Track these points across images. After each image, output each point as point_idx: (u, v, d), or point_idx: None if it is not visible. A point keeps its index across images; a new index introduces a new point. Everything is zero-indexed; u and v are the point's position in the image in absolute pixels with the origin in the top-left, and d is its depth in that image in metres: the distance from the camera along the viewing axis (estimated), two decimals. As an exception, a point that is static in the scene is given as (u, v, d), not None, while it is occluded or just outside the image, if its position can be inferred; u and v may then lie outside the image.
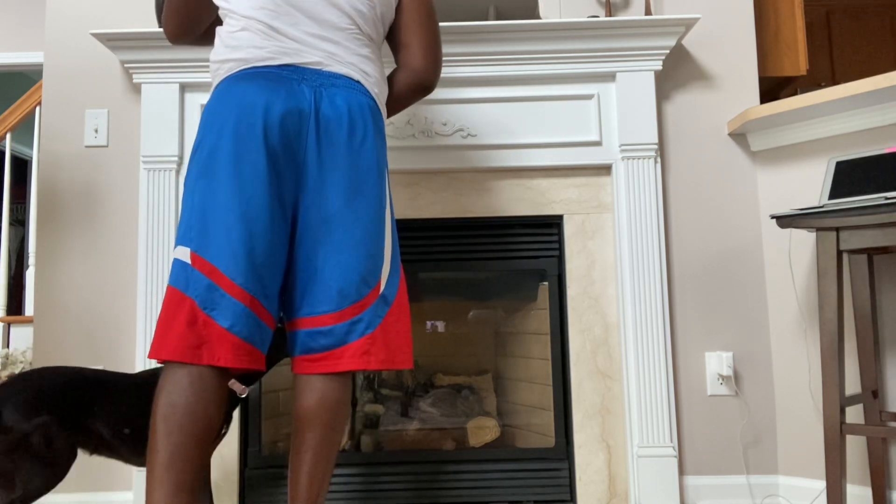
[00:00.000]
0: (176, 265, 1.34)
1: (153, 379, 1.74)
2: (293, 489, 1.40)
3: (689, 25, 2.14)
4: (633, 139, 2.18)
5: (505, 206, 2.22)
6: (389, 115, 1.64)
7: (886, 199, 1.68)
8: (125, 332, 2.19)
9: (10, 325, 3.41)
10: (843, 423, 1.72)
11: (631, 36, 2.15)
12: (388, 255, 1.46)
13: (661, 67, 2.19)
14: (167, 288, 1.34)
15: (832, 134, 2.07)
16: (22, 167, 5.76)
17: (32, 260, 3.45)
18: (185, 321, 1.29)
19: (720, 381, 2.18)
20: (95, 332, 2.19)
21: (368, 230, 1.42)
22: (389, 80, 1.59)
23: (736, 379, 2.19)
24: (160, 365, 1.80)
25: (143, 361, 2.10)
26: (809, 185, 2.13)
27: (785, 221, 1.83)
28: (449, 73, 2.18)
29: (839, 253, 1.76)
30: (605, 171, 2.23)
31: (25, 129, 5.21)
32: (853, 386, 2.04)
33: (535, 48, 2.15)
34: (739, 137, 2.26)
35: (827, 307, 1.77)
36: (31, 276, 3.49)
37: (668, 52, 2.18)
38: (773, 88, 2.85)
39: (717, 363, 2.18)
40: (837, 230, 1.76)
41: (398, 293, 1.48)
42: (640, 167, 2.18)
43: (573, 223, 2.22)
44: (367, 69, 1.47)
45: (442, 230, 2.25)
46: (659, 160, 2.19)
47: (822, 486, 2.07)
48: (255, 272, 1.33)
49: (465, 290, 2.48)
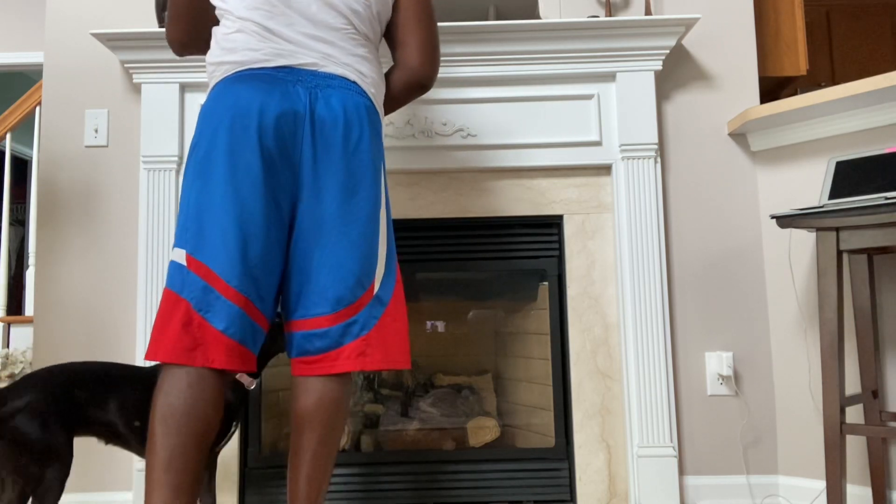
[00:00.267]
0: (172, 267, 1.35)
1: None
2: (292, 490, 1.40)
3: (689, 25, 2.14)
4: (633, 139, 2.18)
5: (505, 206, 2.22)
6: (387, 112, 1.63)
7: (886, 199, 1.69)
8: (125, 332, 2.19)
9: (10, 325, 3.41)
10: (843, 423, 1.72)
11: (631, 36, 2.15)
12: (382, 255, 1.46)
13: (661, 67, 2.19)
14: (164, 289, 1.35)
15: (832, 134, 2.07)
16: (22, 167, 5.76)
17: (32, 260, 3.45)
18: (180, 323, 1.30)
19: (720, 381, 2.18)
20: (95, 332, 2.19)
21: (363, 231, 1.42)
22: (386, 77, 1.59)
23: (736, 379, 2.19)
24: None
25: (142, 361, 2.10)
26: (809, 185, 2.13)
27: (785, 221, 1.83)
28: (449, 73, 2.18)
29: (839, 253, 1.76)
30: (605, 171, 2.23)
31: (25, 129, 5.22)
32: (853, 386, 2.04)
33: (535, 48, 2.15)
34: (739, 137, 2.26)
35: (827, 307, 1.77)
36: (31, 276, 3.49)
37: (668, 52, 2.18)
38: (773, 88, 2.85)
39: (717, 363, 2.18)
40: (837, 230, 1.76)
41: (394, 294, 1.47)
42: (640, 167, 2.18)
43: (573, 223, 2.22)
44: (363, 69, 1.47)
45: (442, 230, 2.25)
46: (659, 160, 2.19)
47: (822, 486, 2.07)
48: (249, 274, 1.33)
49: (465, 290, 2.48)
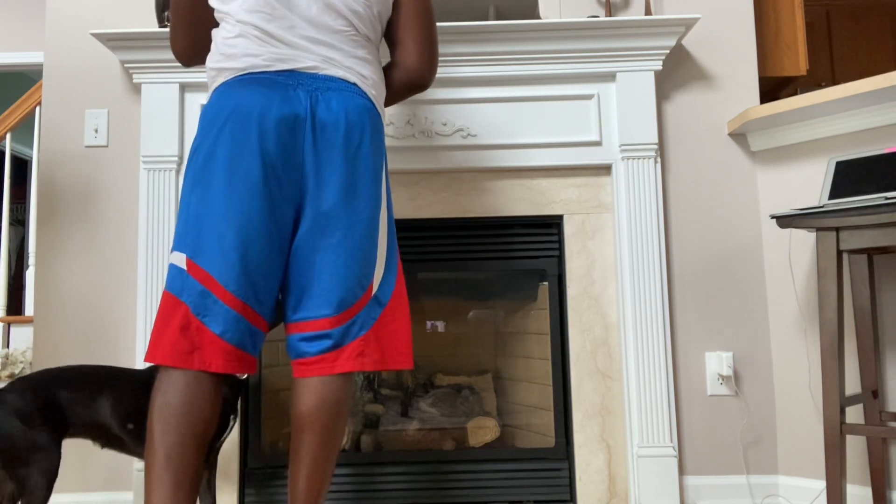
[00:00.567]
0: (172, 270, 1.36)
1: (152, 374, 1.76)
2: (293, 492, 1.40)
3: (689, 25, 2.14)
4: (633, 139, 2.18)
5: (505, 206, 2.22)
6: (384, 106, 1.63)
7: (886, 199, 1.68)
8: (125, 332, 2.19)
9: (10, 325, 3.42)
10: (843, 423, 1.72)
11: (631, 36, 2.15)
12: (381, 256, 1.46)
13: (661, 67, 2.19)
14: (163, 292, 1.36)
15: (832, 134, 2.07)
16: (22, 167, 5.76)
17: (32, 260, 3.45)
18: (178, 326, 1.31)
19: (720, 381, 2.18)
20: (95, 331, 2.19)
21: (364, 233, 1.42)
22: (384, 73, 1.58)
23: (736, 379, 2.19)
24: None
25: (142, 361, 2.10)
26: (809, 185, 2.13)
27: (785, 221, 1.83)
28: (449, 73, 2.18)
29: (839, 253, 1.76)
30: (605, 171, 2.23)
31: (25, 129, 5.21)
32: (853, 386, 2.04)
33: (535, 48, 2.15)
34: (739, 137, 2.26)
35: (827, 307, 1.77)
36: (31, 276, 3.49)
37: (668, 52, 2.18)
38: (773, 88, 2.85)
39: (717, 363, 2.18)
40: (837, 230, 1.76)
41: (393, 294, 1.47)
42: (640, 167, 2.18)
43: (573, 223, 2.22)
44: (363, 71, 1.46)
45: (442, 230, 2.25)
46: (659, 160, 2.19)
47: (822, 486, 2.07)
48: (248, 279, 1.34)
49: (465, 290, 2.48)
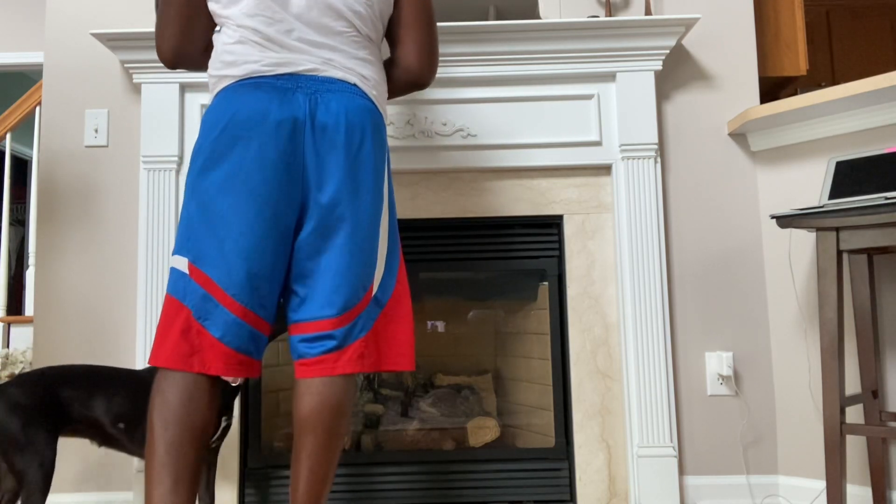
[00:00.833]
0: (174, 274, 1.36)
1: (149, 375, 1.77)
2: (294, 493, 1.40)
3: (689, 25, 2.14)
4: (633, 139, 2.18)
5: (505, 206, 2.22)
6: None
7: (886, 199, 1.68)
8: (125, 332, 2.19)
9: (10, 325, 3.42)
10: (843, 423, 1.72)
11: (631, 36, 2.15)
12: (381, 257, 1.46)
13: (661, 67, 2.19)
14: (166, 295, 1.37)
15: (832, 134, 2.07)
16: (22, 167, 5.76)
17: (32, 260, 3.45)
18: (179, 330, 1.33)
19: (720, 381, 2.18)
20: (95, 332, 2.19)
21: (366, 234, 1.42)
22: (384, 68, 1.57)
23: (736, 379, 2.19)
24: None
25: (142, 361, 2.11)
26: (809, 185, 2.13)
27: (785, 221, 1.83)
28: (449, 73, 2.18)
29: (839, 253, 1.76)
30: (605, 171, 2.23)
31: (25, 129, 5.22)
32: (853, 386, 2.04)
33: (535, 48, 2.15)
34: (739, 137, 2.26)
35: (827, 307, 1.77)
36: (31, 276, 3.49)
37: (668, 52, 2.18)
38: (773, 88, 2.85)
39: (717, 363, 2.18)
40: (837, 230, 1.76)
41: (393, 295, 1.47)
42: (640, 167, 2.18)
43: (573, 223, 2.22)
44: (364, 72, 1.46)
45: (442, 230, 2.25)
46: (659, 160, 2.19)
47: (822, 486, 2.07)
48: (249, 283, 1.34)
49: (465, 290, 2.48)
